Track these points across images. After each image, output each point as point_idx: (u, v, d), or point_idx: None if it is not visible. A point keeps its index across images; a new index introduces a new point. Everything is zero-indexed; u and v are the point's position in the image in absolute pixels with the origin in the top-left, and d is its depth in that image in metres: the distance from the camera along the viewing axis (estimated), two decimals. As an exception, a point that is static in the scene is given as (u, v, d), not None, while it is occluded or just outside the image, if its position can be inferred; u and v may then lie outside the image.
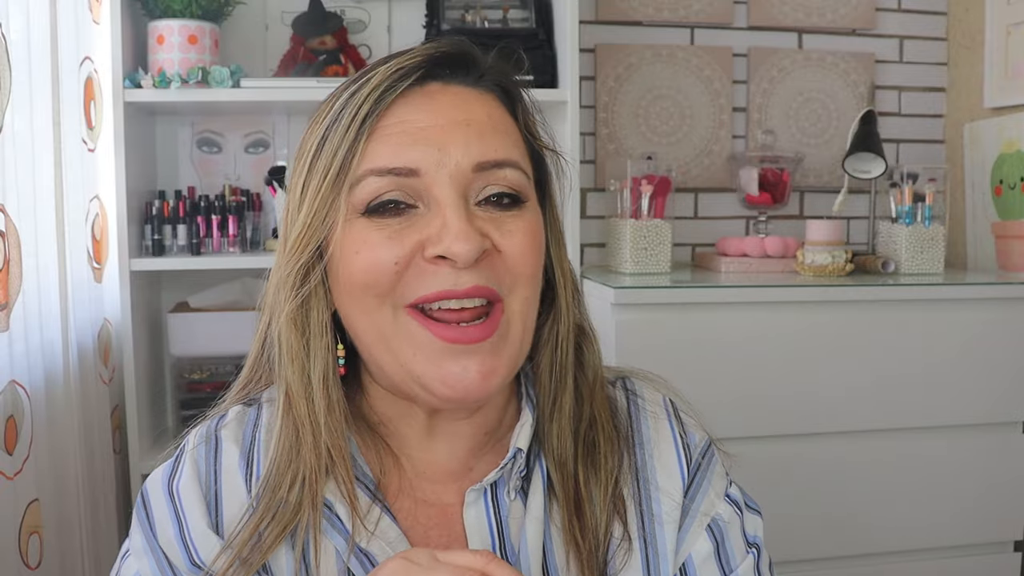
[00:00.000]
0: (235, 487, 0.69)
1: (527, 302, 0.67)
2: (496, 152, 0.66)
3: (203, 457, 0.70)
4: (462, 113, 0.66)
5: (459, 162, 0.64)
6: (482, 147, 0.65)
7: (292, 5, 1.91)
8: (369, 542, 0.67)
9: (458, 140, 0.65)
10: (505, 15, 1.88)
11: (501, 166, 0.66)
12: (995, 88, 2.03)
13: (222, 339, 1.75)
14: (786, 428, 1.65)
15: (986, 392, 1.70)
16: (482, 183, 0.65)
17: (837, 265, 1.77)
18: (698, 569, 0.72)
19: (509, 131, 0.69)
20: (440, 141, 0.64)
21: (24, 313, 1.30)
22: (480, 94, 0.68)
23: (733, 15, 2.12)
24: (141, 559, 0.68)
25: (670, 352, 1.57)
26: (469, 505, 0.70)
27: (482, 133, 0.66)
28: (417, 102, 0.66)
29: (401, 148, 0.64)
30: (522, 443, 0.70)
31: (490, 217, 0.65)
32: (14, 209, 1.27)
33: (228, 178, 1.96)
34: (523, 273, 0.66)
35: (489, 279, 0.64)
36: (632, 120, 2.10)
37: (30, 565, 1.28)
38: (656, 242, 1.81)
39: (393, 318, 0.65)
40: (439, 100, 0.66)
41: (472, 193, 0.65)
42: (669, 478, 0.74)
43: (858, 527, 1.70)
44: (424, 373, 0.64)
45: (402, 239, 0.64)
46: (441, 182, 0.64)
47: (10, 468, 1.24)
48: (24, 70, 1.32)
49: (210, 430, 0.72)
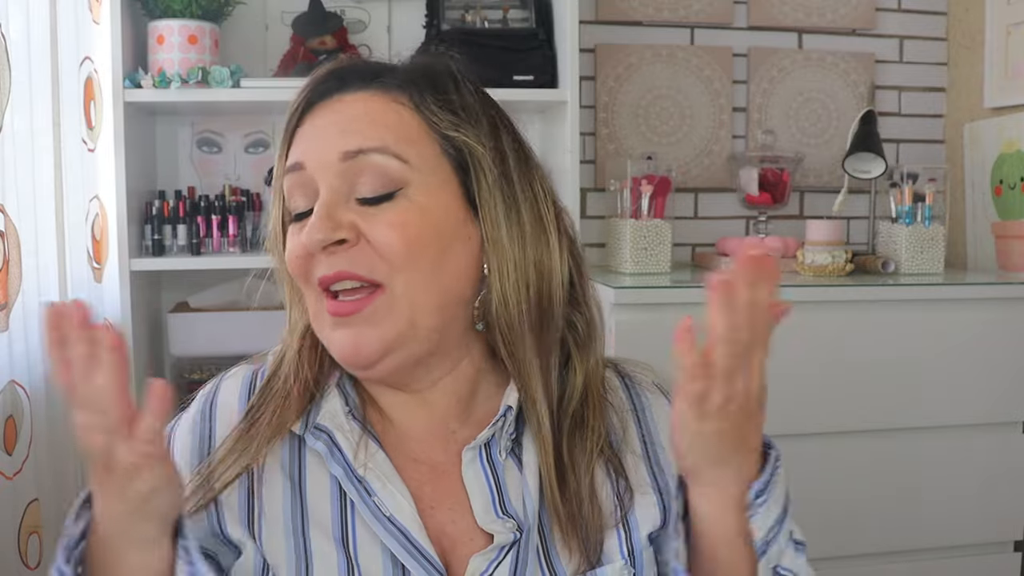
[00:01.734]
0: (229, 418, 0.76)
1: (411, 284, 0.71)
2: (358, 141, 0.71)
3: (200, 406, 0.79)
4: (339, 114, 0.74)
5: (328, 154, 0.72)
6: (345, 138, 0.72)
7: (292, 5, 1.91)
8: (365, 471, 0.72)
9: (330, 135, 0.72)
10: (505, 15, 1.88)
11: (365, 152, 0.71)
12: (995, 88, 2.03)
13: (222, 339, 1.74)
14: (786, 428, 1.64)
15: (986, 392, 1.70)
16: (356, 173, 0.71)
17: (837, 265, 1.77)
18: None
19: (386, 120, 0.73)
20: (316, 137, 0.73)
21: (24, 313, 1.30)
22: (370, 95, 0.74)
23: (733, 15, 2.12)
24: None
25: (670, 352, 1.57)
26: (467, 464, 0.74)
27: (347, 127, 0.72)
28: (318, 111, 0.75)
29: (296, 148, 0.75)
30: (511, 401, 0.75)
31: (361, 210, 0.71)
32: (14, 209, 1.27)
33: (228, 178, 1.96)
34: (396, 257, 0.70)
35: (356, 265, 0.70)
36: (632, 120, 2.10)
37: (29, 565, 1.28)
38: (656, 242, 1.81)
39: (316, 298, 0.73)
40: (333, 106, 0.74)
41: (350, 185, 0.71)
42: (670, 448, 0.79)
43: (858, 527, 1.70)
44: (327, 341, 0.73)
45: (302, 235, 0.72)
46: (319, 174, 0.72)
47: (10, 468, 1.24)
48: (24, 70, 1.32)
49: (215, 381, 0.81)
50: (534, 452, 0.75)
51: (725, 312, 0.65)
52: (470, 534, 0.72)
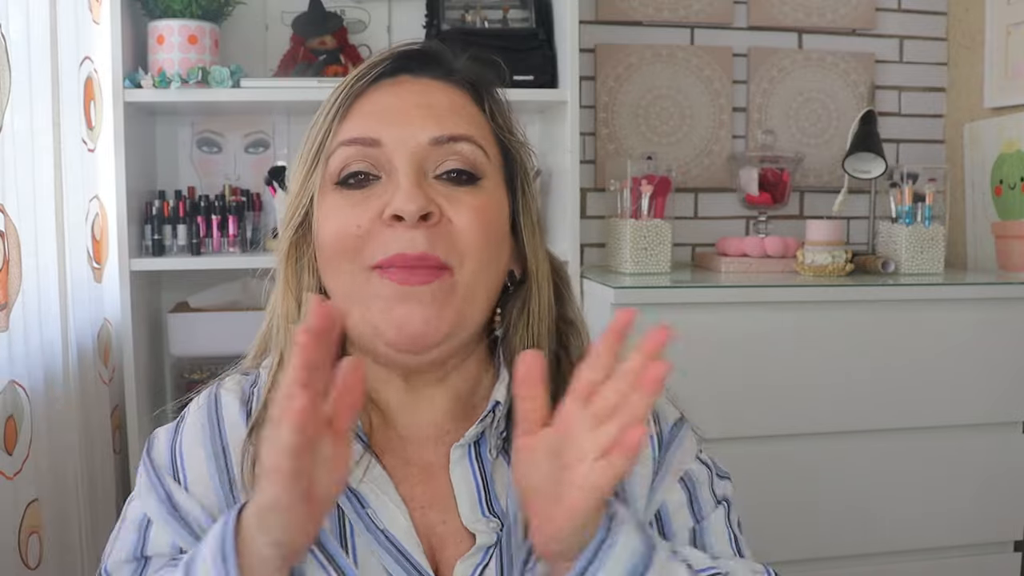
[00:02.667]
0: (239, 438, 0.74)
1: (475, 276, 0.71)
2: (454, 128, 0.73)
3: (205, 416, 0.76)
4: (425, 98, 0.74)
5: (417, 136, 0.72)
6: (439, 124, 0.72)
7: (292, 5, 1.91)
8: (360, 484, 0.72)
9: (417, 118, 0.72)
10: (505, 15, 1.88)
11: (457, 140, 0.72)
12: (995, 88, 2.03)
13: (222, 339, 1.74)
14: (786, 428, 1.65)
15: (986, 392, 1.70)
16: (439, 157, 0.72)
17: (837, 265, 1.77)
18: (672, 515, 0.77)
19: (472, 117, 0.75)
20: (402, 119, 0.73)
21: (24, 313, 1.30)
22: (446, 86, 0.76)
23: (733, 15, 2.12)
24: (145, 500, 0.73)
25: (670, 352, 1.56)
26: (455, 463, 0.74)
27: (440, 114, 0.73)
28: (387, 89, 0.75)
29: (367, 123, 0.73)
30: (499, 396, 0.75)
31: (444, 190, 0.71)
32: (14, 209, 1.27)
33: (228, 178, 1.96)
34: (470, 246, 0.71)
35: (437, 248, 0.70)
36: (632, 120, 2.10)
37: (30, 565, 1.28)
38: (656, 242, 1.81)
39: (361, 278, 0.71)
40: (406, 87, 0.75)
41: (430, 166, 0.72)
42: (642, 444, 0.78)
43: (858, 527, 1.70)
44: (380, 321, 0.70)
45: (365, 206, 0.71)
46: (400, 153, 0.71)
47: (10, 468, 1.24)
48: (24, 70, 1.32)
49: (210, 393, 0.79)
50: None
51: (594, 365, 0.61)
52: (459, 535, 0.72)
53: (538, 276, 0.77)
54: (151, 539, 0.71)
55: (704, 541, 0.76)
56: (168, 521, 0.71)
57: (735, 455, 1.65)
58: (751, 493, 1.66)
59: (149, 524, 0.72)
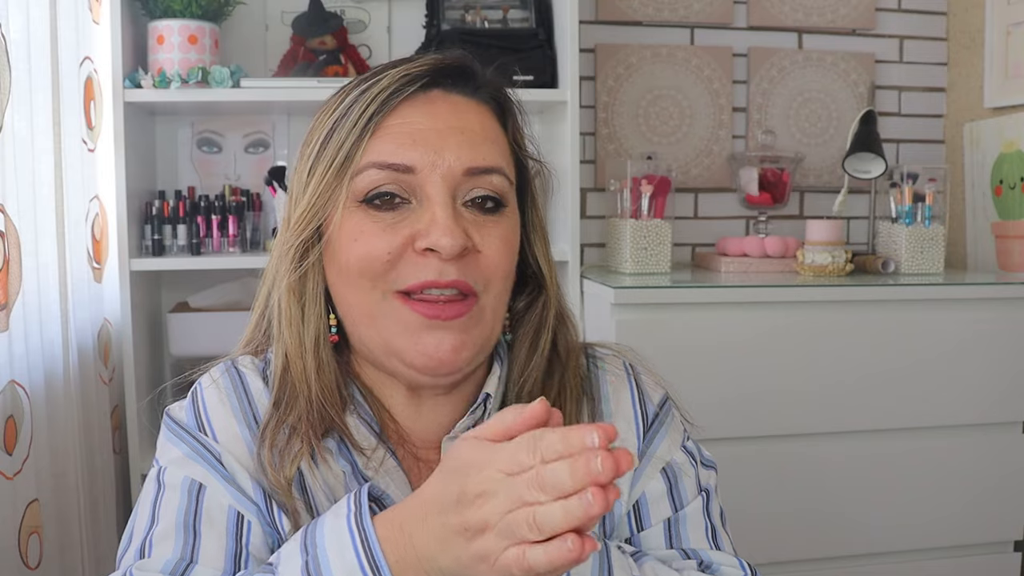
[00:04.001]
0: (265, 408, 0.75)
1: (498, 298, 0.74)
2: (486, 159, 0.73)
3: (230, 385, 0.77)
4: (458, 120, 0.73)
5: (452, 165, 0.71)
6: (473, 154, 0.72)
7: (292, 5, 1.91)
8: (375, 475, 0.73)
9: (452, 145, 0.72)
10: (505, 15, 1.88)
11: (489, 172, 0.73)
12: (995, 88, 2.03)
13: (222, 339, 1.72)
14: (786, 428, 1.65)
15: (986, 392, 1.70)
16: (470, 185, 0.72)
17: (837, 265, 1.77)
18: (651, 505, 0.78)
19: (498, 140, 0.76)
20: (437, 144, 0.71)
21: (24, 313, 1.30)
22: (476, 104, 0.76)
23: (733, 15, 2.12)
24: (188, 466, 0.72)
25: (670, 352, 1.57)
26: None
27: (474, 141, 0.73)
28: (420, 106, 0.73)
29: (401, 146, 0.71)
30: (491, 389, 0.76)
31: (473, 219, 0.72)
32: (14, 209, 1.27)
33: (228, 178, 1.96)
34: (496, 274, 0.73)
35: (467, 275, 0.71)
36: (632, 120, 2.10)
37: (30, 565, 1.28)
38: (656, 242, 1.81)
39: (382, 300, 0.71)
40: (439, 106, 0.74)
41: (460, 193, 0.72)
42: (627, 427, 0.80)
43: (858, 527, 1.70)
44: (404, 347, 0.71)
45: (395, 231, 0.71)
46: (434, 181, 0.71)
47: (10, 468, 1.24)
48: (24, 70, 1.32)
49: (228, 367, 0.79)
50: None
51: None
52: None
53: (551, 284, 0.80)
54: (205, 503, 0.70)
55: (679, 531, 0.78)
56: (226, 486, 0.71)
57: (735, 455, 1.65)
58: (750, 493, 1.67)
59: (202, 488, 0.71)
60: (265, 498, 0.72)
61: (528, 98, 1.81)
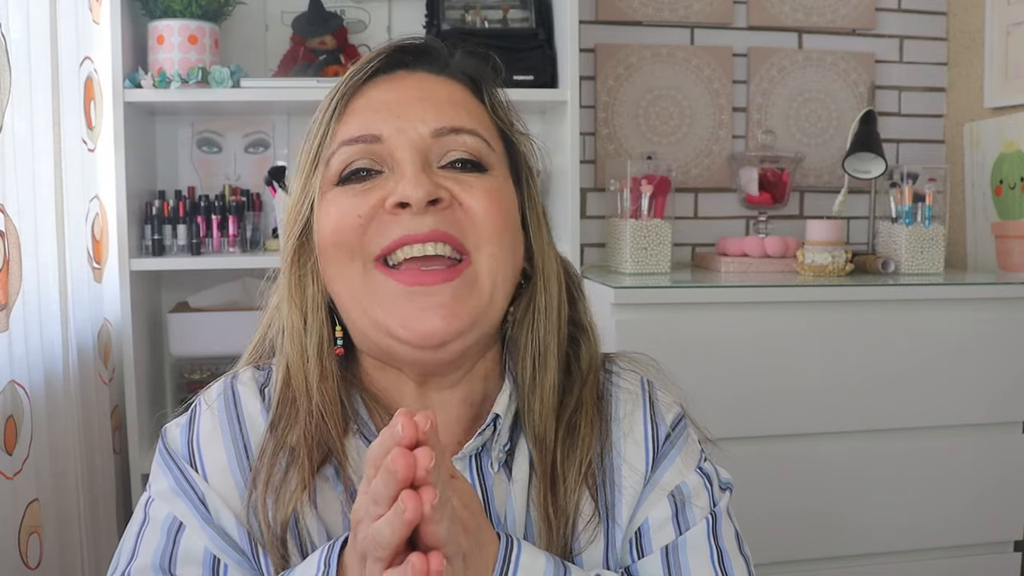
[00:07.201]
0: (259, 433, 0.72)
1: (495, 259, 0.70)
2: (453, 120, 0.71)
3: (223, 409, 0.74)
4: (423, 92, 0.73)
5: (418, 128, 0.70)
6: (439, 115, 0.71)
7: (292, 5, 1.91)
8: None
9: (417, 111, 0.71)
10: (505, 15, 1.88)
11: (459, 132, 0.71)
12: (995, 88, 2.03)
13: (222, 339, 1.74)
14: (786, 428, 1.65)
15: (986, 392, 1.70)
16: (443, 148, 0.71)
17: (837, 265, 1.77)
18: (653, 532, 0.73)
19: (474, 111, 0.74)
20: (401, 111, 0.71)
21: (24, 313, 1.30)
22: (445, 79, 0.75)
23: (733, 15, 2.12)
24: (172, 501, 0.71)
25: (670, 352, 1.55)
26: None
27: (440, 106, 0.72)
28: (383, 85, 0.73)
29: (367, 120, 0.71)
30: (500, 409, 0.72)
31: (452, 176, 0.70)
32: (14, 209, 1.27)
33: (228, 178, 1.96)
34: (486, 228, 0.69)
35: (450, 226, 0.68)
36: (632, 120, 2.10)
37: (30, 565, 1.28)
38: (656, 242, 1.81)
39: (363, 273, 0.69)
40: (403, 82, 0.74)
41: (434, 158, 0.70)
42: (636, 452, 0.76)
43: (858, 527, 1.70)
44: (388, 320, 0.68)
45: (365, 196, 0.69)
46: (402, 145, 0.69)
47: (10, 468, 1.24)
48: (24, 70, 1.32)
49: (226, 386, 0.76)
50: (525, 467, 0.73)
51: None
52: None
53: (545, 271, 0.75)
54: (182, 545, 0.69)
55: (679, 558, 0.72)
56: (204, 528, 0.69)
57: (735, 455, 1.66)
58: (751, 493, 1.66)
59: (181, 528, 0.69)
60: (250, 541, 0.69)
61: (528, 98, 1.83)
